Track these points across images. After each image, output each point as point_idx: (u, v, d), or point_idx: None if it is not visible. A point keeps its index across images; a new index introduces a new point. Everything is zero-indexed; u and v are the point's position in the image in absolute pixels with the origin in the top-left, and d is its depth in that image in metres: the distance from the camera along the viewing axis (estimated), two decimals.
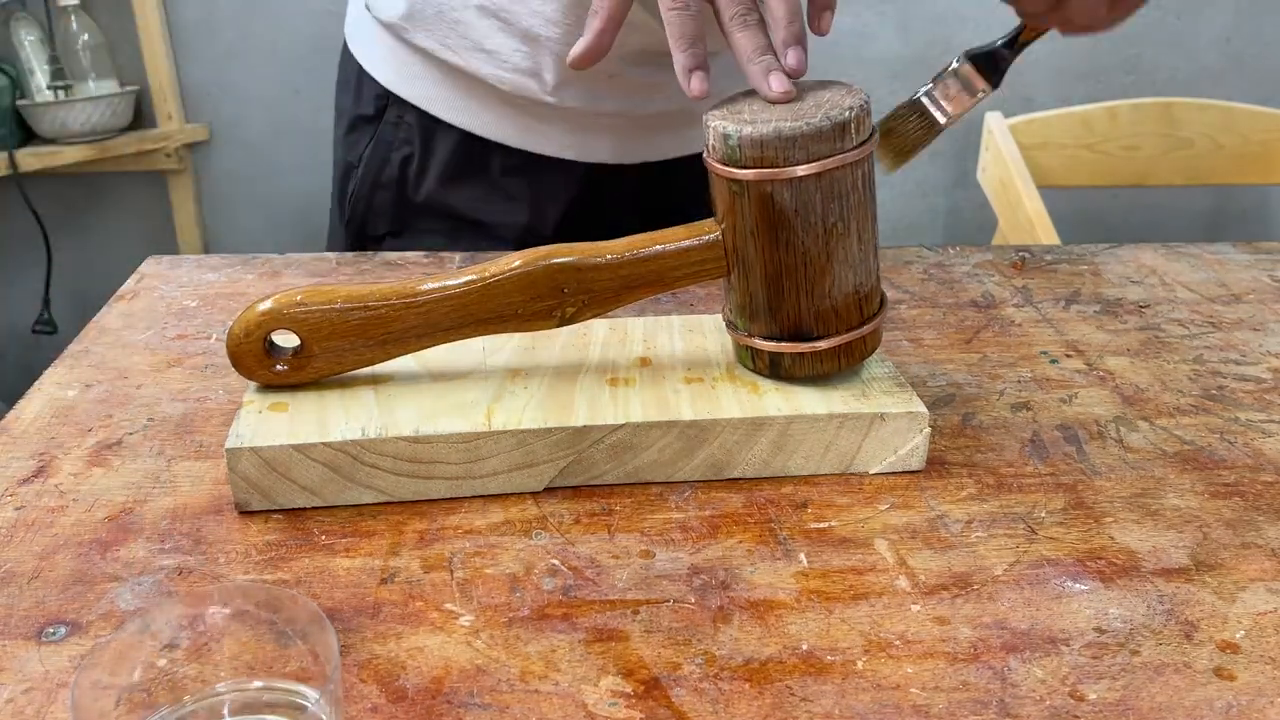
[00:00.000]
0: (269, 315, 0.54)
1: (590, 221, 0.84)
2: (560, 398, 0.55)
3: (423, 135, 0.84)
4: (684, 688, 0.41)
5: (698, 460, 0.54)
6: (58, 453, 0.56)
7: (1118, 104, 1.57)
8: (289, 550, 0.49)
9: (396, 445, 0.51)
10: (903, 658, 0.43)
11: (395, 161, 0.85)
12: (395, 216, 0.87)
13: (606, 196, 0.86)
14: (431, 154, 0.84)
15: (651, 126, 0.85)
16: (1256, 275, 0.83)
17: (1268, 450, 0.58)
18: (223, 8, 1.81)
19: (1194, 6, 1.85)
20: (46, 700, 0.40)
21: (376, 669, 0.42)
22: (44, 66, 1.73)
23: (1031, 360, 0.68)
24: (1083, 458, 0.57)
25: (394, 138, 0.85)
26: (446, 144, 0.83)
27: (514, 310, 0.55)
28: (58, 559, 0.48)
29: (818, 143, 0.51)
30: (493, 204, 0.85)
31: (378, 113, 0.85)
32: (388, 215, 0.87)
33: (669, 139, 0.86)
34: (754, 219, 0.53)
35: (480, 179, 0.84)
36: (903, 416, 0.54)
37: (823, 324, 0.55)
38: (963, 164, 1.95)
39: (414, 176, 0.85)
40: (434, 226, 0.86)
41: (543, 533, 0.50)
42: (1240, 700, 0.41)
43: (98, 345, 0.68)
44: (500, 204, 0.85)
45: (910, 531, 0.51)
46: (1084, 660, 0.43)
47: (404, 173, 0.85)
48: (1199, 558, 0.49)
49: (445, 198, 0.85)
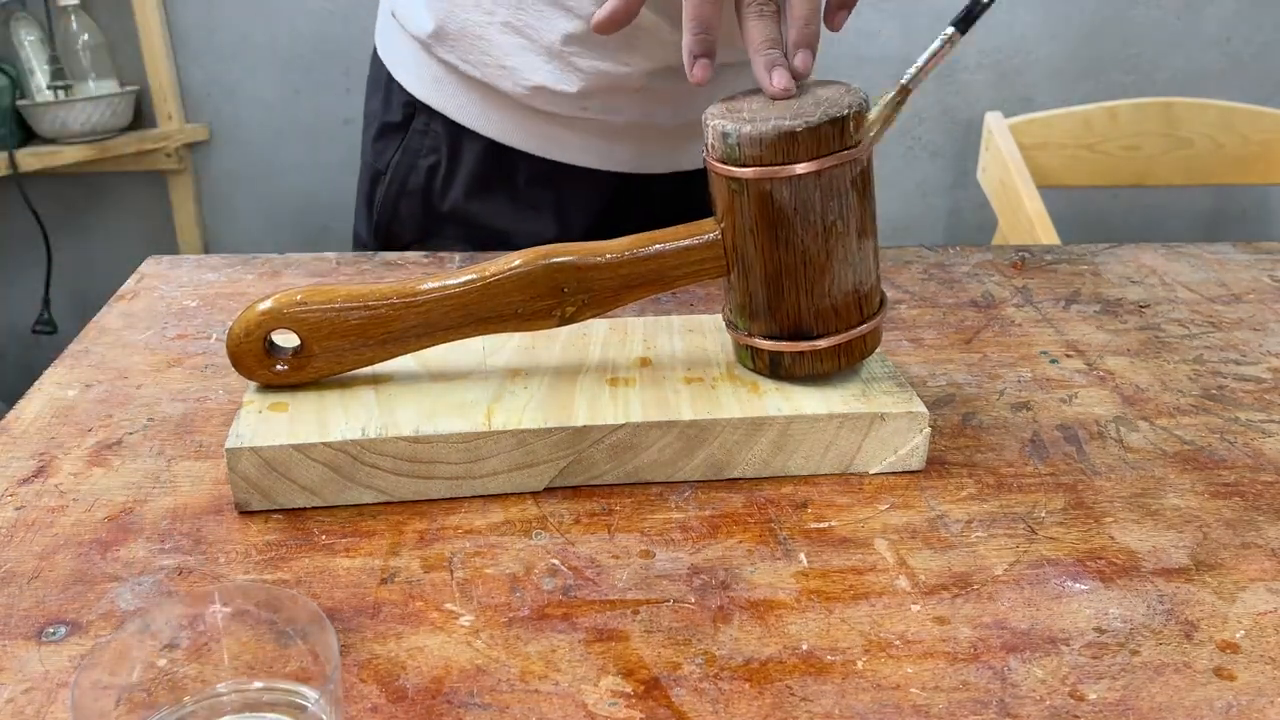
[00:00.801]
0: (269, 315, 0.54)
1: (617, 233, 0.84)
2: (560, 398, 0.55)
3: (450, 144, 0.84)
4: (684, 688, 0.41)
5: (698, 460, 0.54)
6: (58, 453, 0.56)
7: (1118, 104, 1.57)
8: (289, 550, 0.49)
9: (396, 445, 0.51)
10: (903, 658, 0.43)
11: (422, 170, 0.85)
12: (421, 225, 0.87)
13: (633, 207, 0.86)
14: (458, 163, 0.84)
15: (677, 135, 0.85)
16: (1256, 275, 0.83)
17: (1268, 450, 0.58)
18: (223, 8, 1.81)
19: (1194, 6, 1.85)
20: (46, 700, 0.40)
21: (376, 669, 0.42)
22: (44, 66, 1.73)
23: (1031, 360, 0.68)
24: (1083, 458, 0.57)
25: (421, 146, 0.85)
26: (473, 153, 0.83)
27: (514, 310, 0.55)
28: (58, 559, 0.48)
29: (817, 141, 0.51)
30: (518, 215, 0.85)
31: (405, 120, 0.85)
32: (414, 224, 0.87)
33: (696, 148, 0.86)
34: (753, 218, 0.53)
35: (505, 189, 0.84)
36: (903, 416, 0.54)
37: (822, 323, 0.55)
38: (963, 164, 1.95)
39: (440, 186, 0.85)
40: (459, 235, 0.86)
41: (543, 533, 0.50)
42: (1240, 700, 0.41)
43: (98, 345, 0.68)
44: (526, 215, 0.85)
45: (910, 531, 0.51)
46: (1084, 660, 0.43)
47: (430, 182, 0.85)
48: (1199, 558, 0.49)
49: (470, 208, 0.85)
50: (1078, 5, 1.82)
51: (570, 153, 0.82)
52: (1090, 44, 1.84)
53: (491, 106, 0.81)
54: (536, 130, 0.81)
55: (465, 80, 0.81)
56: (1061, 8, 1.82)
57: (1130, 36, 1.84)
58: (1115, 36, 1.83)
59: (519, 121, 0.81)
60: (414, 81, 0.84)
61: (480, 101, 0.81)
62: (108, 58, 1.78)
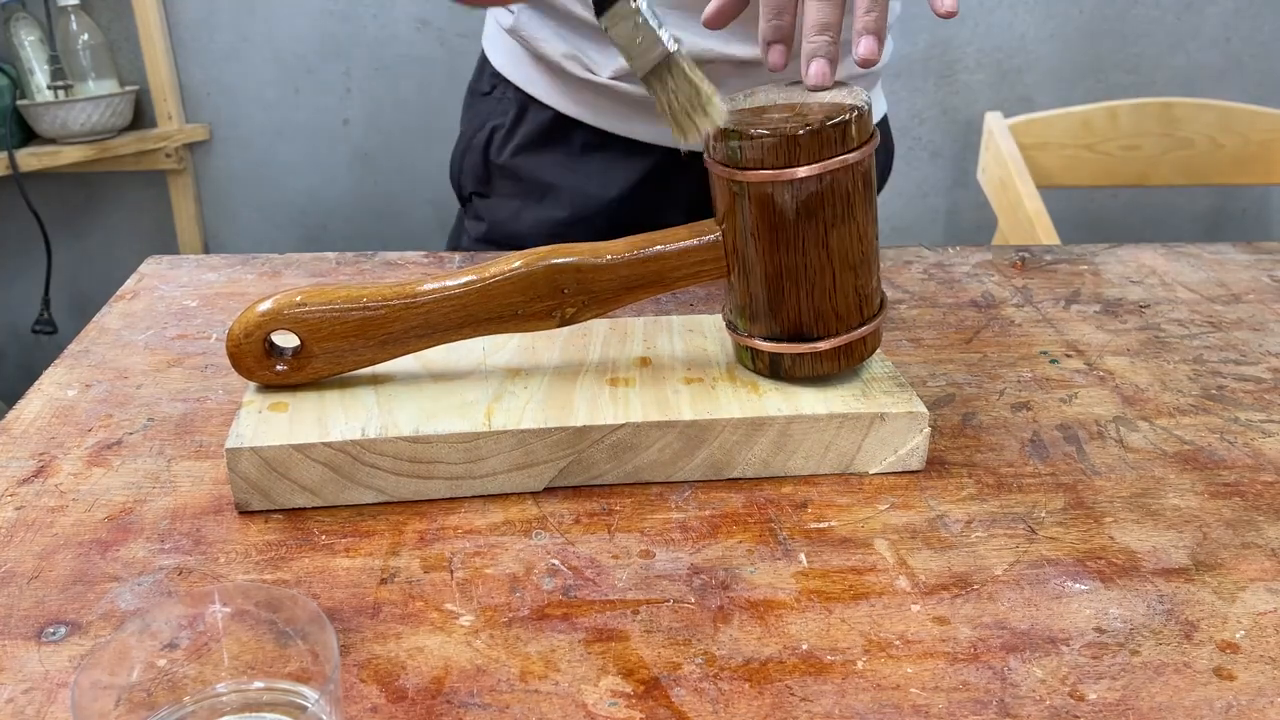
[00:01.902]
0: (269, 315, 0.54)
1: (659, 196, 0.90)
2: (560, 398, 0.55)
3: (518, 110, 0.91)
4: (684, 688, 0.41)
5: (698, 460, 0.54)
6: (58, 453, 0.56)
7: (1118, 104, 1.57)
8: (289, 550, 0.49)
9: (396, 445, 0.51)
10: (903, 658, 0.43)
11: (486, 129, 0.94)
12: (480, 177, 0.95)
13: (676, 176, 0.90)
14: (520, 125, 0.91)
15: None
16: (1256, 275, 0.83)
17: (1268, 450, 0.58)
18: (223, 8, 1.81)
19: (1194, 6, 1.85)
20: (46, 700, 0.40)
21: (376, 669, 0.42)
22: (44, 66, 1.73)
23: (1031, 360, 0.68)
24: (1083, 458, 0.57)
25: (494, 109, 0.93)
26: (536, 119, 0.90)
27: (514, 310, 0.55)
28: (58, 559, 0.48)
29: (819, 145, 0.51)
30: (566, 171, 0.91)
31: (490, 90, 0.95)
32: (475, 175, 0.96)
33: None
34: (754, 220, 0.53)
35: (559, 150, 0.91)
36: (903, 416, 0.54)
37: (823, 325, 0.55)
38: (963, 164, 1.95)
39: (499, 143, 0.93)
40: (510, 190, 0.94)
41: (543, 533, 0.50)
42: (1240, 700, 0.41)
43: (98, 345, 0.68)
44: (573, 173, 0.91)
45: (910, 531, 0.51)
46: (1084, 660, 0.43)
47: (490, 139, 0.94)
48: (1199, 558, 0.49)
49: (520, 163, 0.92)
50: (1078, 5, 1.82)
51: (628, 126, 0.87)
52: (1090, 44, 1.84)
53: (557, 83, 0.88)
54: (599, 105, 0.87)
55: (536, 60, 0.88)
56: (1061, 8, 1.82)
57: (1130, 36, 1.84)
58: (1115, 36, 1.83)
59: (583, 97, 0.87)
60: (499, 57, 0.93)
61: (547, 76, 0.88)
62: (108, 58, 1.77)
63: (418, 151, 1.90)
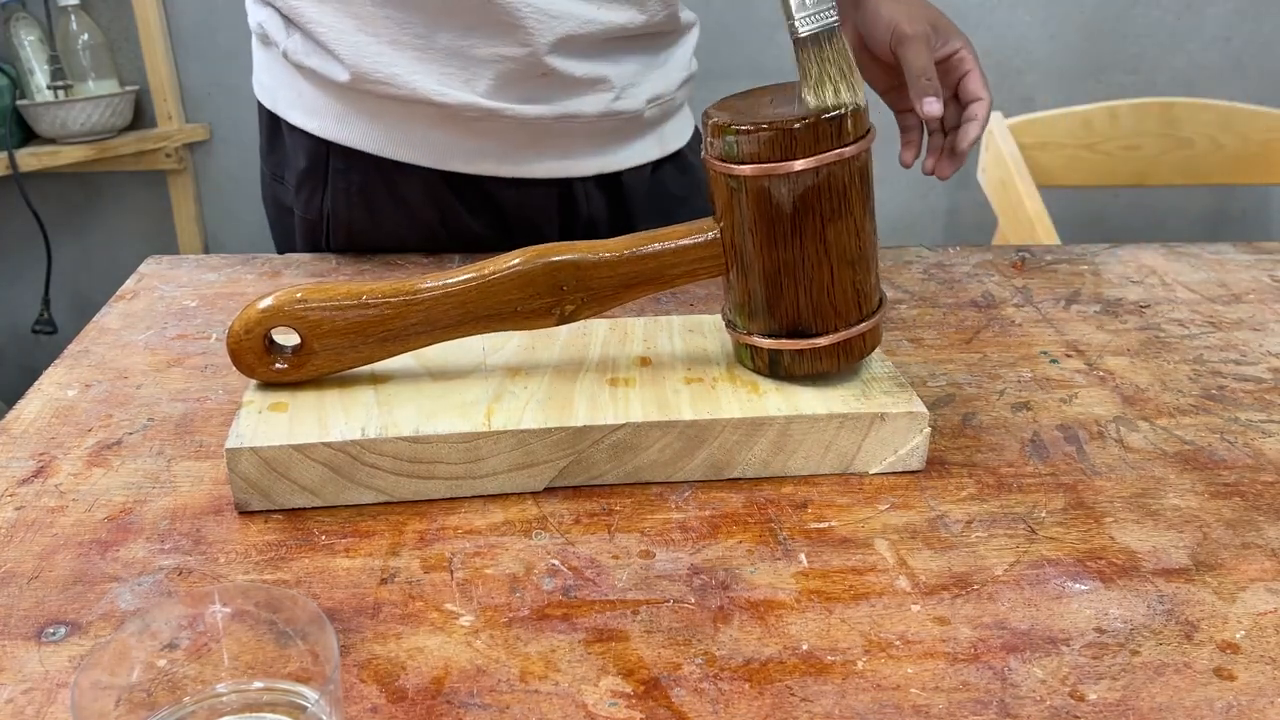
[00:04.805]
0: (269, 312, 0.54)
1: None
2: (560, 398, 0.55)
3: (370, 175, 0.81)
4: (684, 688, 0.41)
5: (698, 460, 0.54)
6: (58, 453, 0.56)
7: (1118, 104, 1.57)
8: (289, 550, 0.49)
9: (396, 445, 0.51)
10: (903, 658, 0.43)
11: (356, 202, 0.84)
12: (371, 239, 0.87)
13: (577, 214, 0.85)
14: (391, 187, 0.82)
15: (609, 131, 0.83)
16: (1256, 275, 0.83)
17: (1268, 450, 0.58)
18: (223, 8, 1.81)
19: (1194, 6, 1.84)
20: (46, 700, 0.40)
21: (376, 669, 0.42)
22: (44, 66, 1.73)
23: (1031, 360, 0.68)
24: (1083, 458, 0.57)
25: (348, 183, 0.83)
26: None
27: (513, 308, 0.55)
28: (58, 559, 0.48)
29: (814, 138, 0.51)
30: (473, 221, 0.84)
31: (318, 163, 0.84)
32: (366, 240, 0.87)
33: (634, 145, 0.85)
34: (752, 215, 0.53)
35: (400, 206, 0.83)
36: (903, 416, 0.54)
37: (821, 321, 0.55)
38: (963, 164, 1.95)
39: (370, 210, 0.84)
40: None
41: (543, 533, 0.50)
42: (1240, 700, 0.41)
43: (98, 345, 0.68)
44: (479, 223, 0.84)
45: (910, 531, 0.51)
46: (1084, 660, 0.43)
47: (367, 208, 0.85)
48: (1199, 558, 0.49)
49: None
50: (1078, 5, 1.82)
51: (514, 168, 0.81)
52: (1090, 44, 1.84)
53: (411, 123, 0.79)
54: (458, 145, 0.79)
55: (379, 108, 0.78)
56: (1062, 8, 1.82)
57: (1130, 36, 1.84)
58: (1115, 36, 1.83)
59: (440, 138, 0.79)
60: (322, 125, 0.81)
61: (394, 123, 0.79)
62: (108, 58, 1.77)
63: None
